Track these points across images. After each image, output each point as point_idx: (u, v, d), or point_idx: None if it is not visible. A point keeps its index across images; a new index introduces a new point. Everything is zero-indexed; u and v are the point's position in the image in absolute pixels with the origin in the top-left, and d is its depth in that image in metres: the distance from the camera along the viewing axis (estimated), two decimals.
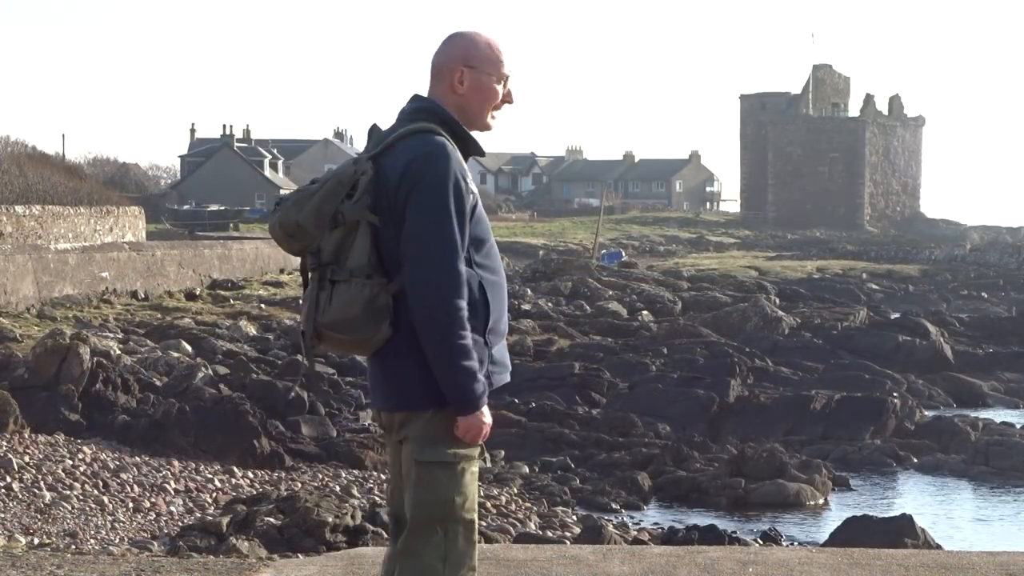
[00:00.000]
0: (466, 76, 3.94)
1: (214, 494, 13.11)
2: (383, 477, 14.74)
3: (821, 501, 15.96)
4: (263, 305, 31.03)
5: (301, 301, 4.07)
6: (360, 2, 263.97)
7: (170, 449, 14.72)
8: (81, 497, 12.16)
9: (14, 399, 14.77)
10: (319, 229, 3.85)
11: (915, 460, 18.70)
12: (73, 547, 9.88)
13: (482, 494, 13.46)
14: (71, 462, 13.46)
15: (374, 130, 3.99)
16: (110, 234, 34.48)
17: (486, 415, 3.85)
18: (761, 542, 12.87)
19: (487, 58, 3.95)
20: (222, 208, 73.87)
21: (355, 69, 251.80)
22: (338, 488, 13.81)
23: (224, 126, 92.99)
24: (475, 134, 4.05)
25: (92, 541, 10.60)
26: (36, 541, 10.04)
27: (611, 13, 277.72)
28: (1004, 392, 25.60)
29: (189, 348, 22.06)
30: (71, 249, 28.41)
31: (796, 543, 13.30)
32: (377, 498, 13.25)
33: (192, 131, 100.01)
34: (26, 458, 13.22)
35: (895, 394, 22.34)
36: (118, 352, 19.66)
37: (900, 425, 20.33)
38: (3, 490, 11.87)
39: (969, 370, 26.99)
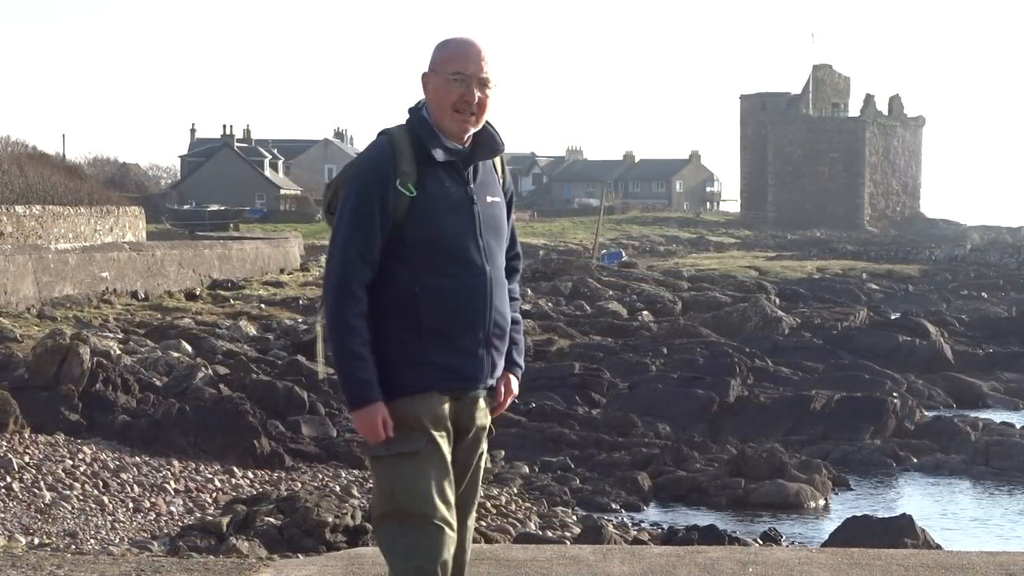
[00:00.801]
0: (429, 80, 4.07)
1: (214, 494, 13.09)
2: None
3: (821, 501, 15.94)
4: (263, 305, 31.00)
5: None
6: (360, 2, 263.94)
7: (170, 449, 14.70)
8: (81, 497, 12.15)
9: (14, 399, 14.76)
10: (330, 224, 4.12)
11: (915, 460, 18.67)
12: (73, 547, 9.88)
13: (482, 494, 13.41)
14: (71, 462, 13.44)
15: None
16: (110, 234, 34.48)
17: (372, 414, 3.86)
18: (761, 542, 12.85)
19: (441, 59, 4.05)
20: (222, 208, 73.96)
21: (355, 69, 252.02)
22: (338, 488, 13.80)
23: (224, 126, 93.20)
24: (477, 137, 4.12)
25: (92, 541, 10.59)
26: (36, 541, 10.03)
27: (611, 13, 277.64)
28: (1004, 392, 25.55)
29: (189, 348, 22.03)
30: (71, 249, 28.39)
31: (796, 543, 13.29)
32: None
33: (192, 131, 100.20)
34: (26, 458, 13.21)
35: (895, 394, 22.31)
36: (118, 352, 19.63)
37: (900, 425, 20.30)
38: (3, 490, 11.87)
39: (969, 370, 26.96)
